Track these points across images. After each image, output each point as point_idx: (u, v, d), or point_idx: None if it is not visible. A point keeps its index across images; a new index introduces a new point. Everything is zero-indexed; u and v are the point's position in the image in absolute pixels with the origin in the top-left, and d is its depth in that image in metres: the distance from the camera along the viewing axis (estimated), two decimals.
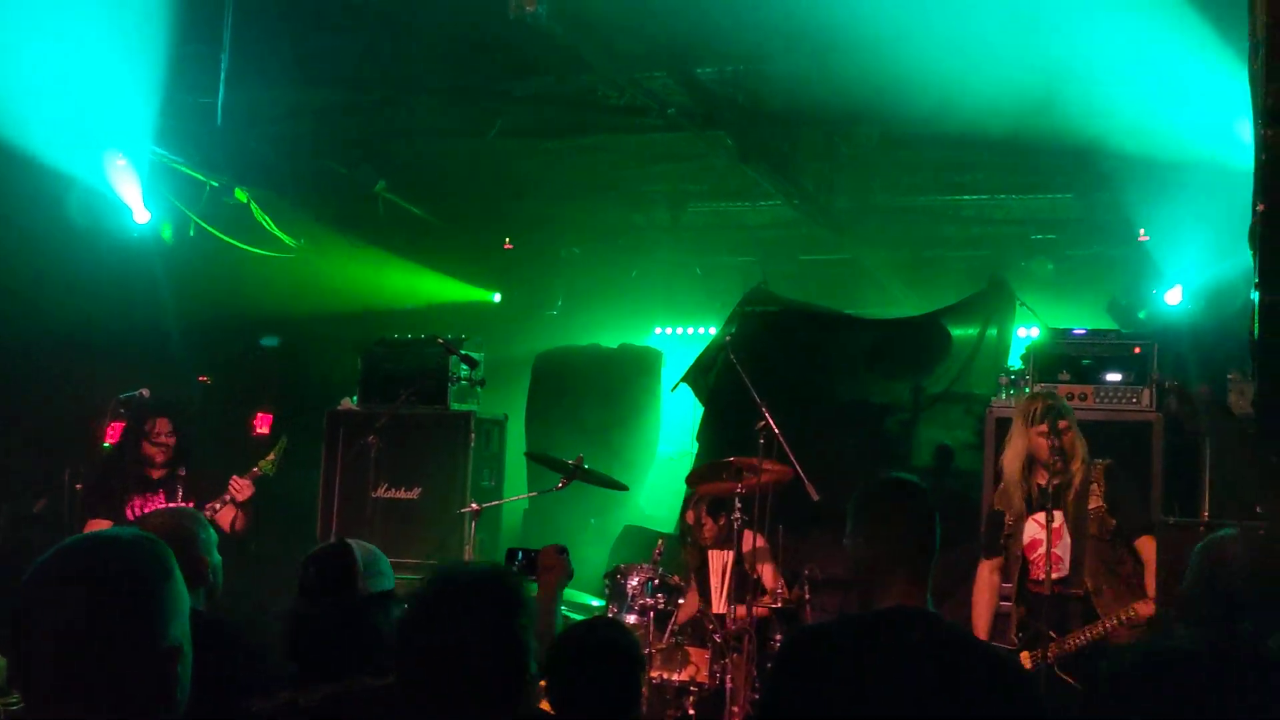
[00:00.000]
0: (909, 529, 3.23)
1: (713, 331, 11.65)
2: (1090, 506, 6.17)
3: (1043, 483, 6.21)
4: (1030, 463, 6.29)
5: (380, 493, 8.78)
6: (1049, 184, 10.10)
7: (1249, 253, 3.34)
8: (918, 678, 3.01)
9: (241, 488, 7.25)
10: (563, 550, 4.54)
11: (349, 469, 8.59)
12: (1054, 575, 6.08)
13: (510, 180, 10.90)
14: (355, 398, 9.25)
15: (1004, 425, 7.42)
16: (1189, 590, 3.42)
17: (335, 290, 10.54)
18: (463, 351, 8.81)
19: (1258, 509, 6.79)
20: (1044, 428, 6.20)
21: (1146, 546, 6.10)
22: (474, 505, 7.77)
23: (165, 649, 2.33)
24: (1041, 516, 6.14)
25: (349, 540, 3.66)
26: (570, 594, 8.02)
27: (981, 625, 6.41)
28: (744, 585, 7.41)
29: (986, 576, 6.51)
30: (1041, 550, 6.15)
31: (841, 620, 3.42)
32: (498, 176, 10.77)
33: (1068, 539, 6.15)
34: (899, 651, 3.06)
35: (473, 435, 8.99)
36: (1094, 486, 6.20)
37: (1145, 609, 5.87)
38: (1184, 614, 3.37)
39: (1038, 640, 6.02)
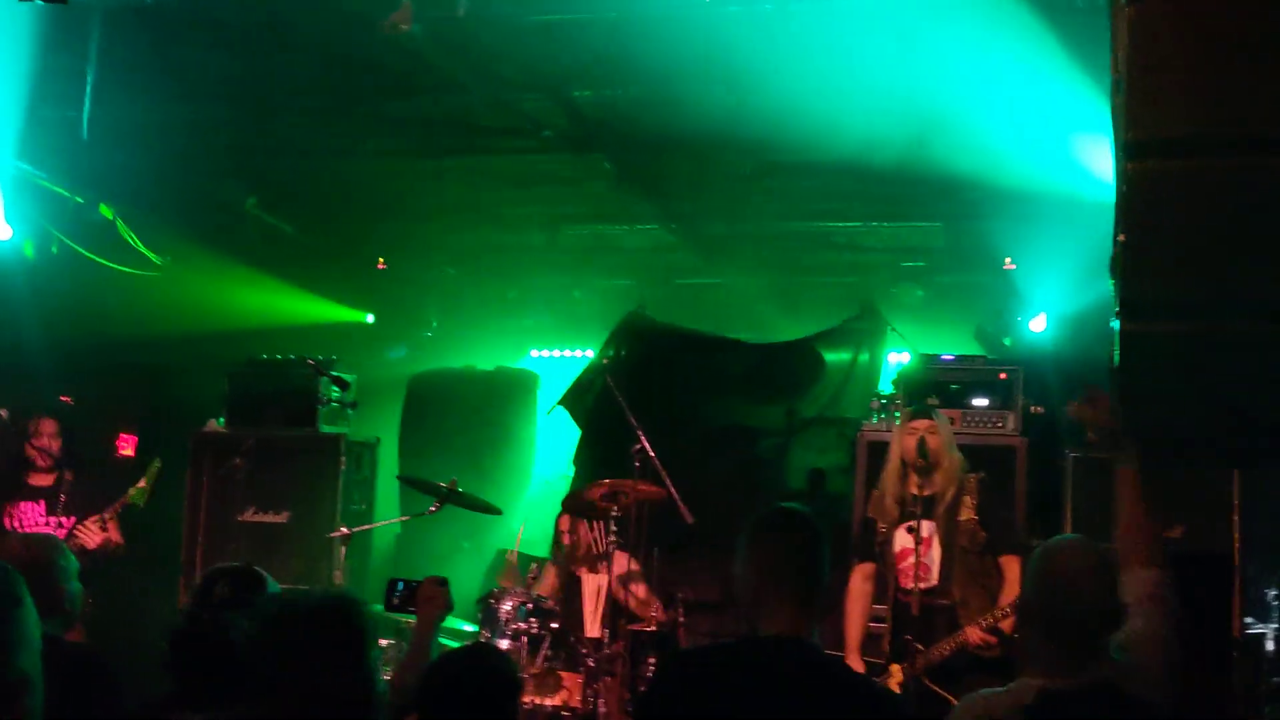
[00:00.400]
0: (794, 558, 3.30)
1: (590, 354, 11.66)
2: (962, 518, 6.32)
3: (915, 492, 6.32)
4: (904, 470, 6.41)
5: (247, 516, 8.62)
6: (919, 213, 10.31)
7: (1109, 282, 3.46)
8: (785, 706, 3.07)
9: (90, 534, 6.98)
10: (443, 582, 4.51)
11: (215, 492, 8.41)
12: (922, 585, 6.20)
13: (383, 199, 10.80)
14: (222, 419, 9.06)
15: (876, 449, 7.56)
16: (1027, 595, 3.55)
17: (203, 309, 10.33)
18: (333, 373, 8.69)
19: (1114, 535, 7.01)
20: (914, 426, 6.35)
21: (1010, 566, 6.26)
22: (344, 529, 7.67)
23: (14, 679, 2.27)
24: (912, 525, 6.25)
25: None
26: None
27: (854, 635, 6.50)
28: (617, 608, 7.42)
29: (859, 585, 6.60)
30: (911, 560, 6.26)
31: (716, 646, 3.48)
32: (371, 195, 10.66)
33: (937, 549, 6.28)
34: (769, 679, 3.13)
35: (343, 458, 8.88)
36: (967, 498, 6.34)
37: (1005, 621, 6.01)
38: (1023, 620, 3.49)
39: (905, 652, 6.12)
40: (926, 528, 6.28)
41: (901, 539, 6.35)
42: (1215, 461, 6.21)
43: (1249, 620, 6.68)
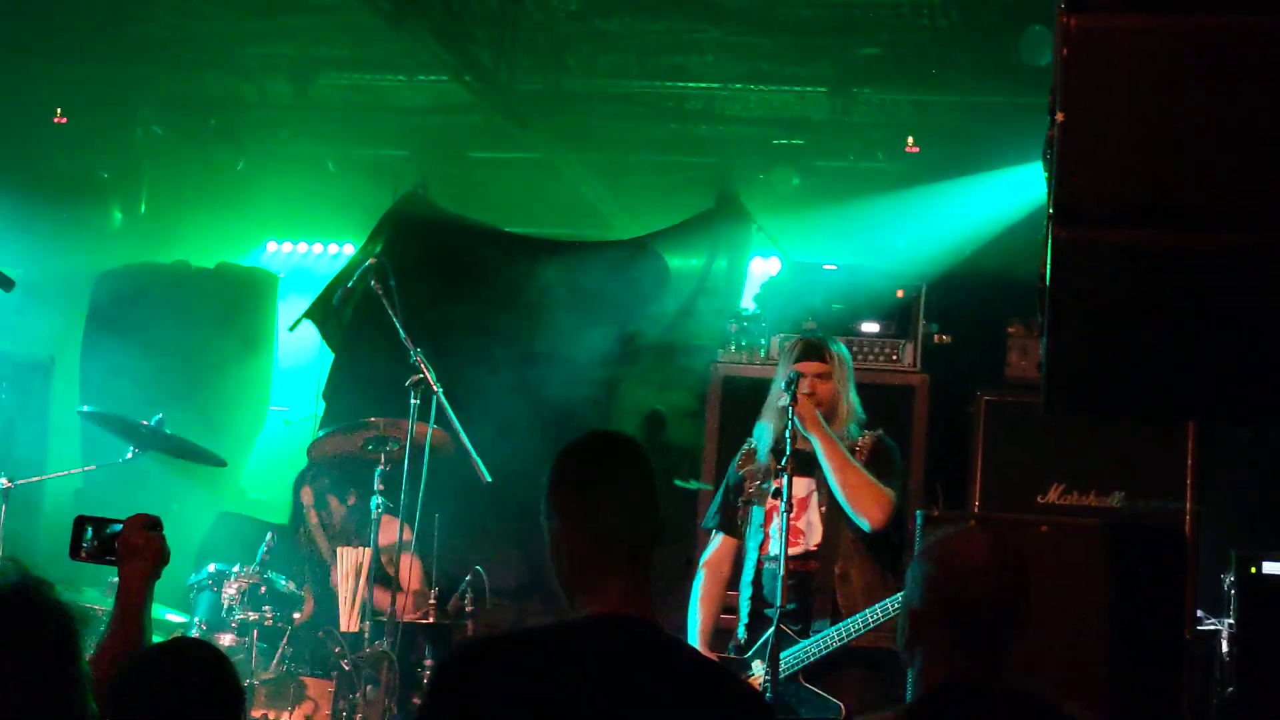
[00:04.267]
0: (625, 506, 3.21)
1: (349, 250, 11.55)
2: None
3: (798, 446, 6.37)
4: (789, 418, 6.46)
5: None
6: (796, 73, 10.40)
7: (1043, 179, 3.55)
8: (616, 709, 3.02)
9: None
10: (154, 524, 4.39)
11: None
12: (793, 550, 6.31)
13: (66, 30, 10.51)
14: None
15: (732, 386, 7.67)
16: (922, 590, 3.59)
17: None
18: None
19: (1039, 499, 7.28)
20: (800, 369, 6.42)
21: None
22: (3, 481, 7.56)
23: None
24: (778, 488, 6.32)
25: None
26: None
27: (704, 624, 6.62)
28: (383, 593, 7.43)
29: (715, 563, 6.73)
30: (777, 523, 6.33)
31: (519, 633, 3.37)
32: (47, 24, 10.36)
33: (816, 511, 6.42)
34: (593, 675, 3.05)
35: (2, 384, 8.72)
36: (857, 458, 6.48)
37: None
38: (914, 622, 3.56)
39: (773, 643, 6.19)
40: (803, 486, 6.39)
41: (771, 500, 6.43)
42: (1164, 414, 6.46)
43: (1201, 614, 6.98)
